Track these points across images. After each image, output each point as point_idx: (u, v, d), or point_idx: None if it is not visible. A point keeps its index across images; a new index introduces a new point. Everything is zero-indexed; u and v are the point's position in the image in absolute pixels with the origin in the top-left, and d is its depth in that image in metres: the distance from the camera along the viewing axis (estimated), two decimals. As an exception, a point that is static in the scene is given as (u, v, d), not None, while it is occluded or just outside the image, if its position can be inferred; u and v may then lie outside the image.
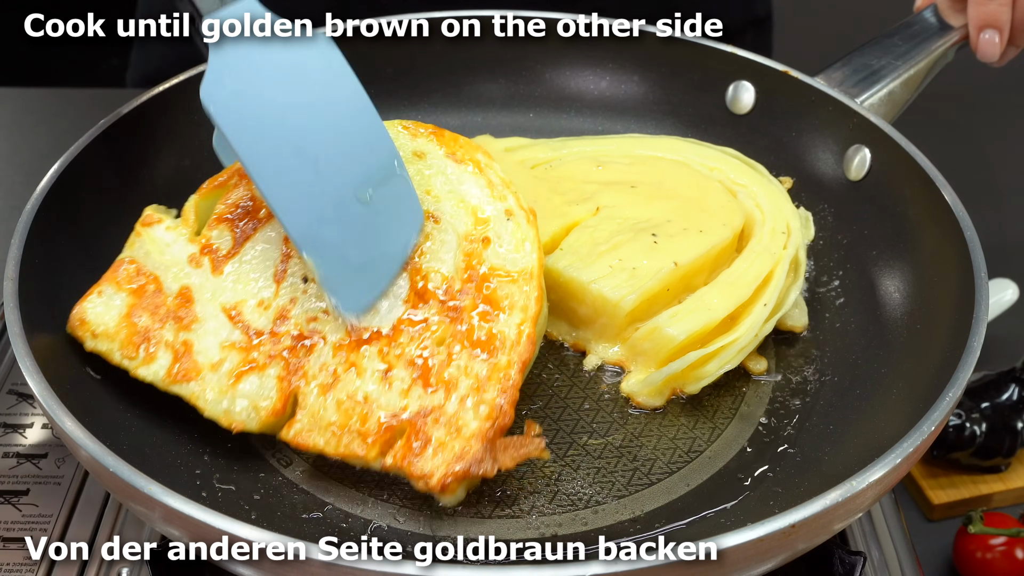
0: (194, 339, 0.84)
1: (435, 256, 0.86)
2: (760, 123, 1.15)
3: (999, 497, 1.12)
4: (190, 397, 0.83)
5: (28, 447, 1.01)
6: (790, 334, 1.03)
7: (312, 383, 0.82)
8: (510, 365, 0.82)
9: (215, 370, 0.83)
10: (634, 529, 0.85)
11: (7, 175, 1.53)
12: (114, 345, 0.85)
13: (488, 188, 0.89)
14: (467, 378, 0.81)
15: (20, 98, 1.70)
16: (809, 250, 1.07)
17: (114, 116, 1.03)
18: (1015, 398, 1.11)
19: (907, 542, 0.96)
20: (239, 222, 0.89)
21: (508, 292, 0.85)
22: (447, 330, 0.83)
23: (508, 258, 0.86)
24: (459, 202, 0.89)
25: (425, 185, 0.90)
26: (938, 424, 0.78)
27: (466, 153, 0.92)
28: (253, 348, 0.84)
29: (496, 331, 0.83)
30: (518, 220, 0.88)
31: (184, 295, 0.86)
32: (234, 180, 0.92)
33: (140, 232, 0.91)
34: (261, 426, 0.83)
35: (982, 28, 1.08)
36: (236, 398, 0.83)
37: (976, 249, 0.92)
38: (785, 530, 0.70)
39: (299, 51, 0.85)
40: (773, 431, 0.94)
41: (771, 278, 0.99)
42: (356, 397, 0.81)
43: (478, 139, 1.14)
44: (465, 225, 0.88)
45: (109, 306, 0.86)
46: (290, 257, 0.87)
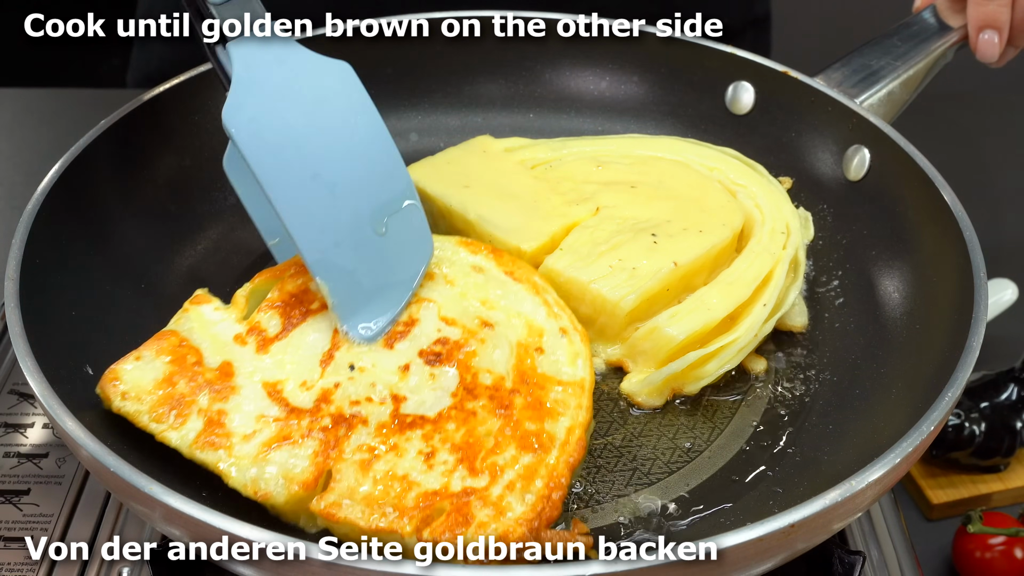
0: (229, 409, 0.82)
1: (487, 356, 0.87)
2: (760, 123, 1.15)
3: (998, 497, 1.12)
4: (215, 464, 0.80)
5: (29, 447, 1.01)
6: (789, 334, 1.03)
7: (349, 460, 0.80)
8: (559, 464, 0.81)
9: (247, 440, 0.80)
10: (632, 529, 0.86)
11: (8, 175, 1.54)
12: (143, 407, 0.82)
13: (544, 306, 0.91)
14: (514, 468, 0.80)
15: (21, 99, 1.71)
16: (809, 250, 1.07)
17: (115, 117, 1.03)
18: (1014, 398, 1.11)
19: (906, 542, 0.96)
20: (290, 309, 0.89)
21: (560, 398, 0.85)
22: (495, 423, 0.82)
23: (561, 370, 0.87)
24: (515, 313, 0.90)
25: (482, 295, 0.91)
26: (937, 424, 0.78)
27: (523, 274, 0.94)
28: (290, 422, 0.81)
29: (547, 429, 0.83)
30: (572, 338, 0.89)
31: (224, 369, 0.85)
32: (290, 272, 0.92)
33: (188, 309, 0.90)
34: (288, 498, 0.78)
35: (981, 28, 1.08)
36: (266, 466, 0.79)
37: (975, 249, 0.92)
38: (785, 530, 0.70)
39: (320, 78, 0.86)
40: (772, 431, 0.94)
41: (771, 278, 0.99)
42: (396, 473, 0.79)
43: (479, 139, 1.15)
44: (519, 334, 0.89)
45: (146, 370, 0.84)
46: (339, 346, 0.87)
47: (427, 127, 1.24)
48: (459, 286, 0.91)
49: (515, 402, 0.84)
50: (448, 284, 0.91)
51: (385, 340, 0.87)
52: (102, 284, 0.97)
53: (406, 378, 0.85)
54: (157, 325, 0.92)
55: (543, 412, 0.84)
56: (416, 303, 0.89)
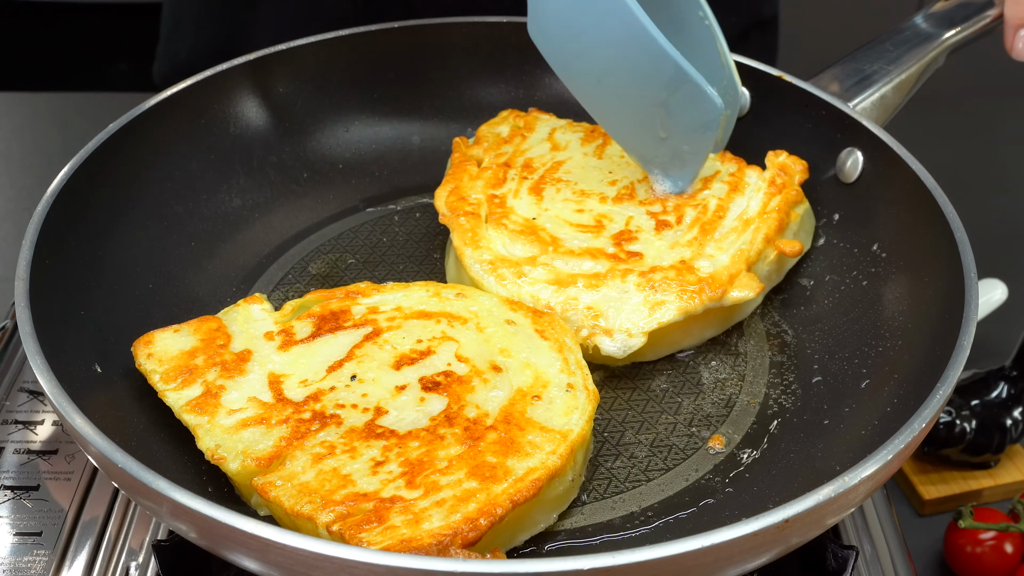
0: (229, 387, 0.88)
1: (482, 395, 0.88)
2: (754, 127, 1.16)
3: (988, 493, 1.13)
4: (195, 427, 0.85)
5: (39, 443, 1.02)
6: (784, 334, 1.04)
7: (306, 451, 0.83)
8: (502, 495, 0.79)
9: (230, 415, 0.86)
10: (630, 524, 0.87)
11: (19, 177, 1.54)
12: (159, 368, 0.89)
13: (562, 363, 0.92)
14: (453, 489, 0.80)
15: (31, 102, 1.71)
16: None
17: (123, 120, 1.05)
18: (1004, 396, 1.12)
19: (899, 536, 0.98)
20: (324, 322, 0.95)
21: (536, 442, 0.84)
22: (457, 449, 0.83)
23: (551, 419, 0.87)
24: (528, 364, 0.91)
25: (504, 344, 0.93)
26: (929, 421, 0.79)
27: (553, 332, 0.95)
28: (273, 409, 0.87)
29: (506, 465, 0.82)
30: (576, 394, 0.89)
31: (243, 355, 0.91)
32: (339, 296, 0.97)
33: (240, 305, 0.97)
34: (241, 469, 0.83)
35: (1019, 27, 1.07)
36: (234, 438, 0.84)
37: (966, 250, 0.93)
38: (779, 524, 0.70)
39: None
40: (767, 428, 0.95)
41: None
42: (340, 471, 0.81)
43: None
44: (524, 382, 0.90)
45: (177, 341, 0.92)
46: (352, 358, 0.91)
47: (429, 130, 1.26)
48: (486, 333, 0.94)
49: (487, 436, 0.84)
50: (478, 331, 0.94)
51: (395, 363, 0.90)
52: (110, 284, 0.99)
53: (397, 396, 0.88)
54: (164, 324, 0.94)
55: (510, 449, 0.83)
56: (440, 340, 0.92)
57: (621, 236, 1.04)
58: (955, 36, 1.15)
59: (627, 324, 0.97)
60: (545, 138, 1.16)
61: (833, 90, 1.12)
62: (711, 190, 1.08)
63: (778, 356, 1.02)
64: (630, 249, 1.02)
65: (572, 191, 1.09)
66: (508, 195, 1.09)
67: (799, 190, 1.08)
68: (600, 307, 0.98)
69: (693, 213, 1.06)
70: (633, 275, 0.99)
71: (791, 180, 1.08)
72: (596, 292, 0.98)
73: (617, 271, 1.00)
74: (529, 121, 1.18)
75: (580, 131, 1.17)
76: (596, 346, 0.97)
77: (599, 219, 1.06)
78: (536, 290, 0.99)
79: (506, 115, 1.19)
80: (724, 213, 1.06)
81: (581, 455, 0.87)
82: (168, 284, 1.05)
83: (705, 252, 1.02)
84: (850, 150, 1.10)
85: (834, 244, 1.10)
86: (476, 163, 1.13)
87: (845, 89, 1.12)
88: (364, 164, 1.23)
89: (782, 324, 1.06)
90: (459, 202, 1.07)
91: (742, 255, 1.01)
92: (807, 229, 1.10)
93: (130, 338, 0.93)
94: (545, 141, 1.16)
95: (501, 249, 1.03)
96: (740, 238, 1.03)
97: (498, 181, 1.10)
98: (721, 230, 1.04)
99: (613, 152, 1.14)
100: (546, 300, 0.98)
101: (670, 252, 1.02)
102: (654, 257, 1.02)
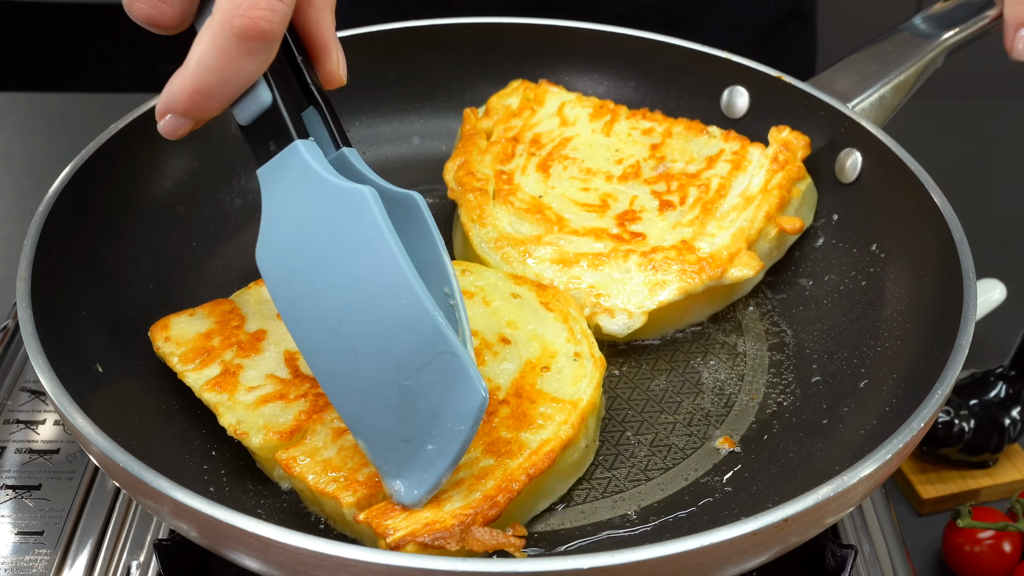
0: (247, 365, 0.90)
1: (494, 368, 0.90)
2: (754, 127, 1.16)
3: (987, 492, 1.14)
4: (216, 405, 0.87)
5: (41, 443, 1.03)
6: (782, 335, 1.05)
7: (327, 425, 0.85)
8: (518, 470, 0.81)
9: (250, 392, 0.88)
10: (630, 524, 0.87)
11: (20, 178, 1.55)
12: (178, 351, 0.91)
13: (568, 332, 0.93)
14: (471, 469, 0.81)
15: (33, 103, 1.71)
16: (801, 251, 1.09)
17: (124, 120, 1.05)
18: (1002, 395, 1.13)
19: (897, 536, 0.98)
20: None
21: (547, 413, 0.86)
22: None
23: (561, 389, 0.89)
24: (534, 336, 0.93)
25: (511, 317, 0.94)
26: (927, 421, 0.79)
27: (558, 304, 0.96)
28: (291, 385, 0.88)
29: (520, 438, 0.84)
30: (584, 362, 0.91)
31: (258, 335, 0.93)
32: None
33: (251, 287, 0.99)
34: (264, 443, 0.84)
35: (1019, 27, 1.07)
36: (255, 413, 0.86)
37: (965, 250, 0.93)
38: (778, 524, 0.71)
39: (342, 214, 0.75)
40: (767, 428, 0.95)
41: None
42: (360, 449, 0.81)
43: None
44: (532, 353, 0.91)
45: (193, 324, 0.94)
46: None
47: (429, 131, 1.26)
48: (492, 307, 0.95)
49: (500, 411, 0.86)
50: (484, 304, 0.95)
51: None
52: (111, 284, 0.99)
53: None
54: (166, 324, 0.94)
55: (523, 423, 0.85)
56: None
57: (625, 216, 1.06)
58: (954, 37, 1.15)
59: (628, 304, 0.99)
60: (554, 112, 1.18)
61: (832, 91, 1.12)
62: (714, 169, 1.10)
63: (777, 356, 1.03)
64: (633, 229, 1.04)
65: (579, 169, 1.12)
66: (516, 171, 1.11)
67: (801, 166, 1.09)
68: (602, 287, 1.00)
69: (696, 192, 1.08)
70: (635, 255, 1.02)
71: (794, 156, 1.09)
72: (599, 272, 1.01)
73: (620, 251, 1.02)
74: (539, 93, 1.20)
75: (589, 106, 1.19)
76: (598, 324, 0.99)
77: (604, 198, 1.08)
78: (541, 269, 1.01)
79: (516, 86, 1.21)
80: (726, 192, 1.07)
81: (593, 421, 0.89)
82: (169, 284, 1.05)
83: (706, 231, 1.04)
84: (849, 150, 1.10)
85: (833, 244, 1.10)
86: (486, 135, 1.15)
87: (844, 90, 1.12)
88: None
89: (781, 324, 1.06)
90: (468, 177, 1.09)
91: (742, 233, 1.03)
92: (809, 204, 1.11)
93: (131, 338, 0.93)
94: (554, 116, 1.18)
95: (507, 227, 1.05)
96: (741, 216, 1.04)
97: (507, 156, 1.12)
98: (722, 208, 1.06)
99: (621, 130, 1.16)
100: (550, 279, 1.01)
101: (672, 232, 1.04)
102: (656, 237, 1.04)
